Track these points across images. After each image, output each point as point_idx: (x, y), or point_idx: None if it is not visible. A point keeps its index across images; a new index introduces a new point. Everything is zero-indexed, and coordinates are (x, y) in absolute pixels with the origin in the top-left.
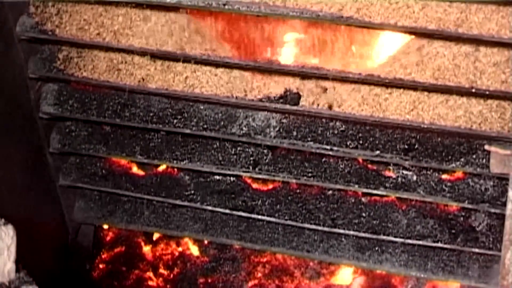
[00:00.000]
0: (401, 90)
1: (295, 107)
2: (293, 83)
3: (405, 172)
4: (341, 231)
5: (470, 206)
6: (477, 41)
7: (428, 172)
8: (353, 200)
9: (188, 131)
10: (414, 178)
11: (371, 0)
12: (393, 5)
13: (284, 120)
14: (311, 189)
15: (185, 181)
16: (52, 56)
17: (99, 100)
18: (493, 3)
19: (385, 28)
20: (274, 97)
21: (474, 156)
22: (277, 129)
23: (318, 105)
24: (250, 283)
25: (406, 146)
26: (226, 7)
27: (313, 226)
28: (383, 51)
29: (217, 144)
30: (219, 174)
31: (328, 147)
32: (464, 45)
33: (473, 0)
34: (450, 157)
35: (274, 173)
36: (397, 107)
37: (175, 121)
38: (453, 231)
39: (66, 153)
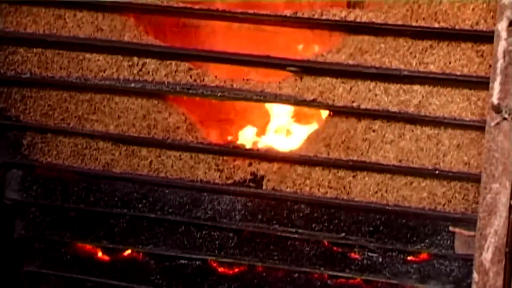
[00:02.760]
0: (365, 172)
1: (259, 190)
2: (258, 166)
3: (370, 254)
4: None
5: (436, 287)
6: (439, 123)
7: (394, 254)
8: (319, 283)
9: (153, 215)
10: (380, 260)
11: (333, 83)
12: (355, 88)
13: (249, 203)
14: (277, 272)
15: (150, 265)
16: (17, 142)
17: (63, 186)
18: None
19: (348, 110)
20: (239, 180)
21: (439, 238)
22: (242, 212)
23: (282, 188)
24: None
25: (371, 228)
26: (190, 91)
27: None
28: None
29: (183, 228)
30: (184, 258)
31: (294, 230)
32: (426, 127)
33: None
34: (415, 239)
35: (240, 257)
36: (361, 190)
37: (140, 205)
38: None
39: (31, 239)
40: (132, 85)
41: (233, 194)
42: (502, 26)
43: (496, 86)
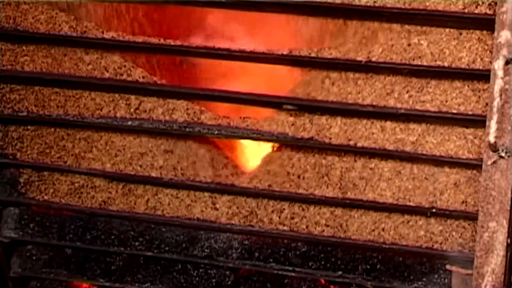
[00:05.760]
0: (362, 210)
1: (256, 228)
2: (254, 204)
3: None
4: None
5: None
6: (436, 161)
7: None
8: None
9: (149, 253)
10: None
11: (330, 122)
12: (351, 126)
13: (246, 242)
14: None
15: None
16: (13, 180)
17: (60, 224)
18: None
19: (344, 149)
20: (236, 218)
21: (435, 276)
22: (239, 250)
23: (279, 226)
24: None
25: (368, 266)
26: (187, 129)
27: None
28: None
29: (179, 266)
30: None
31: (290, 268)
32: (423, 166)
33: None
34: (412, 277)
35: None
36: (358, 228)
37: (136, 243)
38: None
39: (27, 277)
40: (129, 123)
41: (230, 232)
42: (498, 64)
43: (492, 125)
